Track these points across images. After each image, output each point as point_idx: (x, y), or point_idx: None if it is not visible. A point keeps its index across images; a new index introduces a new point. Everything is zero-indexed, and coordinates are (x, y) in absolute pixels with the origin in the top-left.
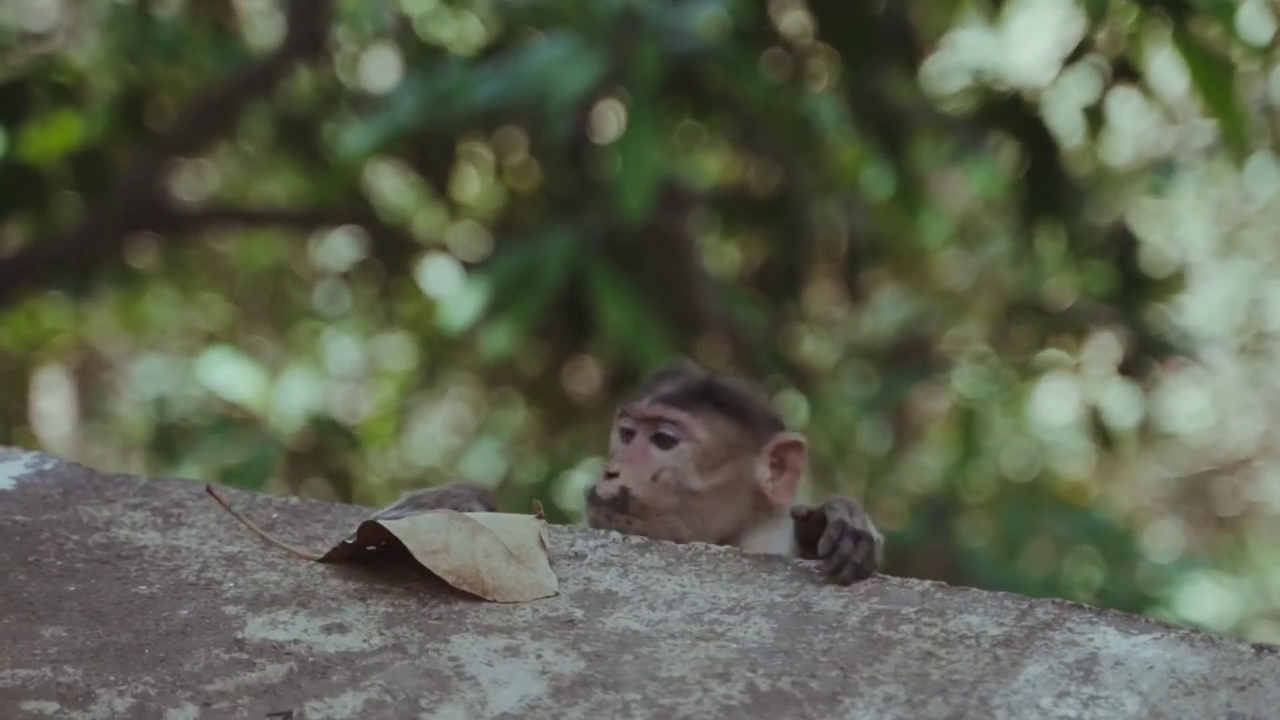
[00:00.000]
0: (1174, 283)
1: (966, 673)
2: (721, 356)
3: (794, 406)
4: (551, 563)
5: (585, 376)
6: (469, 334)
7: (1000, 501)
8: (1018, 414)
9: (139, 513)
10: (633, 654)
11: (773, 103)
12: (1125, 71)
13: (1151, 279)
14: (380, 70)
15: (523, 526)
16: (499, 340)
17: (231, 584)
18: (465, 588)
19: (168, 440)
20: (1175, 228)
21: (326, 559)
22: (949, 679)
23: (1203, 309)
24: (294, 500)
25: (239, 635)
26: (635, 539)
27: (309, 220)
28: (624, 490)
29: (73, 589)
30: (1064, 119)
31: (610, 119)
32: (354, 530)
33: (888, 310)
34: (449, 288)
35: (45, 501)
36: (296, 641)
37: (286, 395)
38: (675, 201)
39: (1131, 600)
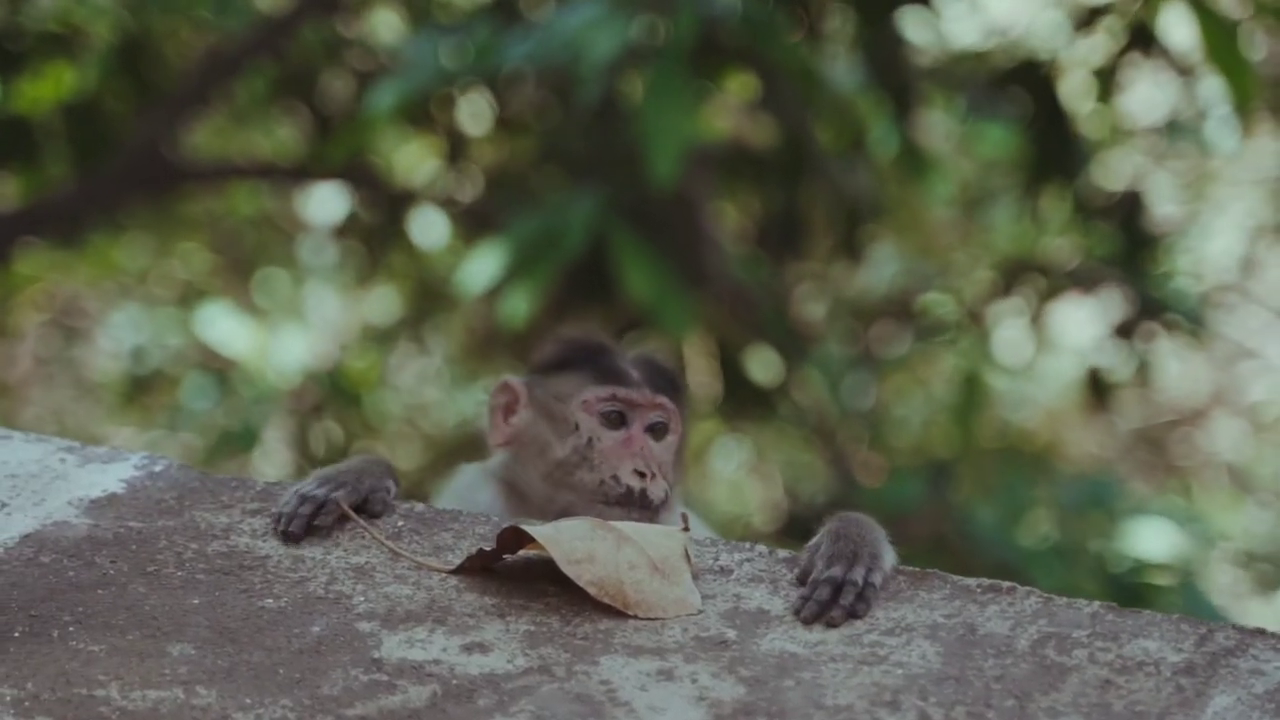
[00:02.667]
0: (1177, 244)
1: (1150, 704)
2: (729, 318)
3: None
4: (696, 577)
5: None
6: (487, 298)
7: (992, 461)
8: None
9: (258, 519)
10: (794, 679)
11: (795, 63)
12: (1140, 34)
13: (1155, 240)
14: (388, 27)
15: (667, 538)
16: (517, 305)
17: (362, 598)
18: (607, 600)
19: (142, 390)
20: (1181, 190)
21: (459, 571)
22: (1132, 710)
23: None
24: (419, 507)
25: (376, 654)
26: (782, 552)
27: (306, 175)
28: (667, 492)
29: (196, 602)
30: (1076, 82)
31: (635, 82)
32: (482, 540)
33: (885, 268)
34: (443, 241)
35: (159, 507)
36: (437, 662)
37: (283, 350)
38: (689, 162)
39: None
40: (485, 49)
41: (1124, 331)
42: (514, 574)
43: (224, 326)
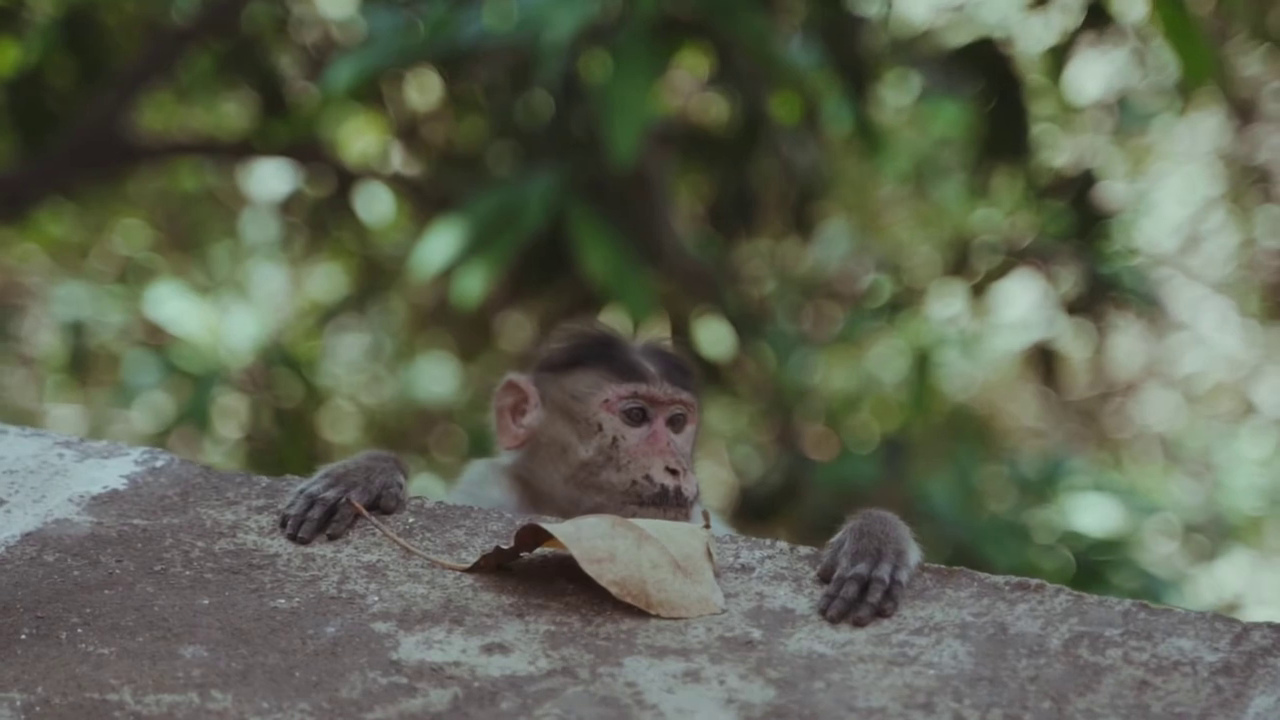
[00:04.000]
0: (1126, 221)
1: (1189, 705)
2: (681, 294)
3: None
4: (717, 575)
5: (520, 322)
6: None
7: (942, 438)
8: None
9: (264, 516)
10: (824, 680)
11: (754, 39)
12: (1096, 13)
13: (1107, 218)
14: (335, 3)
15: (689, 536)
16: (471, 285)
17: (376, 597)
18: (629, 600)
19: (83, 368)
20: (1135, 168)
21: (474, 569)
22: (1171, 712)
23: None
24: (430, 503)
25: (394, 656)
26: (803, 549)
27: (252, 151)
28: (698, 486)
29: (206, 602)
30: (1031, 60)
31: (593, 60)
32: (495, 537)
33: (835, 245)
34: (389, 218)
35: (163, 504)
36: (457, 664)
37: (234, 328)
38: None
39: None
40: (441, 25)
41: (1075, 308)
42: (530, 572)
43: (173, 304)
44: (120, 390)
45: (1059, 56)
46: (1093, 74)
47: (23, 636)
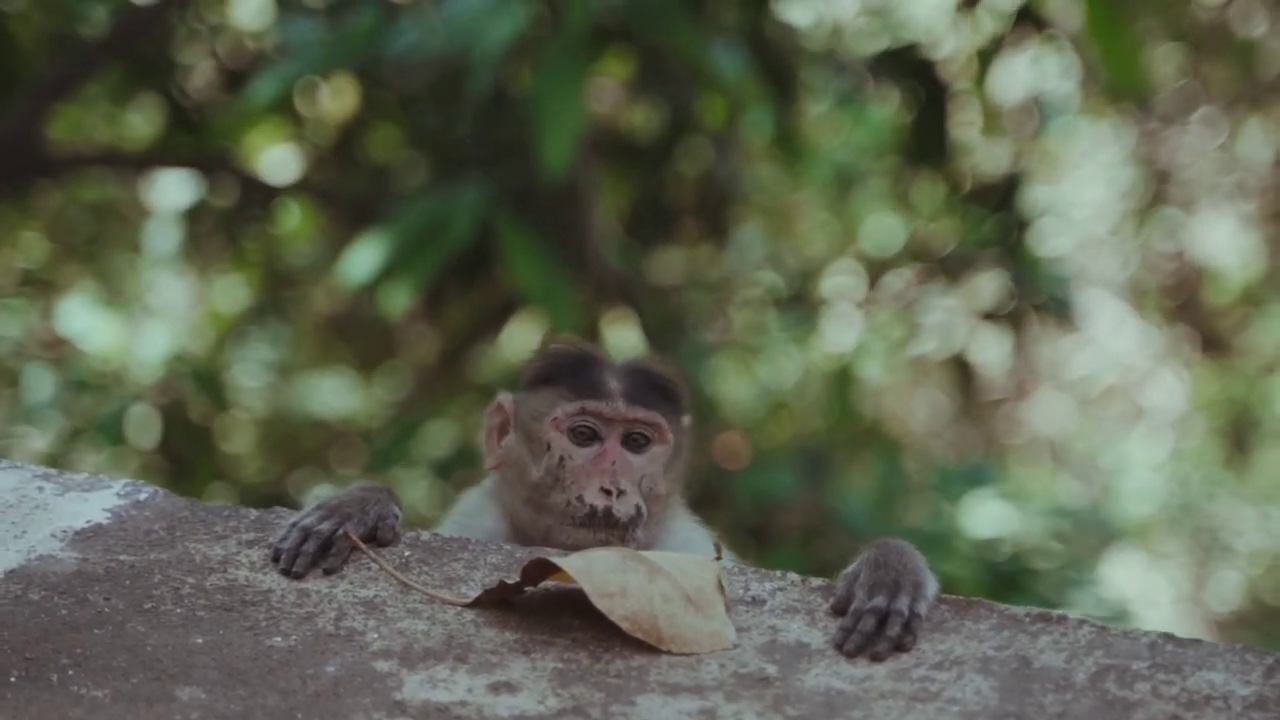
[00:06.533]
0: (1051, 226)
1: None
2: (607, 305)
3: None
4: (728, 609)
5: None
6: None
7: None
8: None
9: (255, 551)
10: (844, 718)
11: (684, 45)
12: (1025, 15)
13: (1030, 223)
14: (250, 13)
15: (700, 568)
16: (397, 297)
17: (375, 634)
18: (640, 635)
19: None
20: (1060, 171)
21: (476, 604)
22: None
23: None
24: (425, 535)
25: (398, 696)
26: (815, 581)
27: (158, 162)
28: (638, 509)
29: (200, 641)
30: (957, 64)
31: (521, 70)
32: (495, 570)
33: (750, 252)
34: (295, 228)
35: (149, 538)
36: (463, 703)
37: (145, 343)
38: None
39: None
40: (368, 36)
41: (994, 315)
42: (533, 607)
43: (82, 318)
44: (18, 405)
45: (985, 60)
46: (1015, 77)
47: (12, 679)
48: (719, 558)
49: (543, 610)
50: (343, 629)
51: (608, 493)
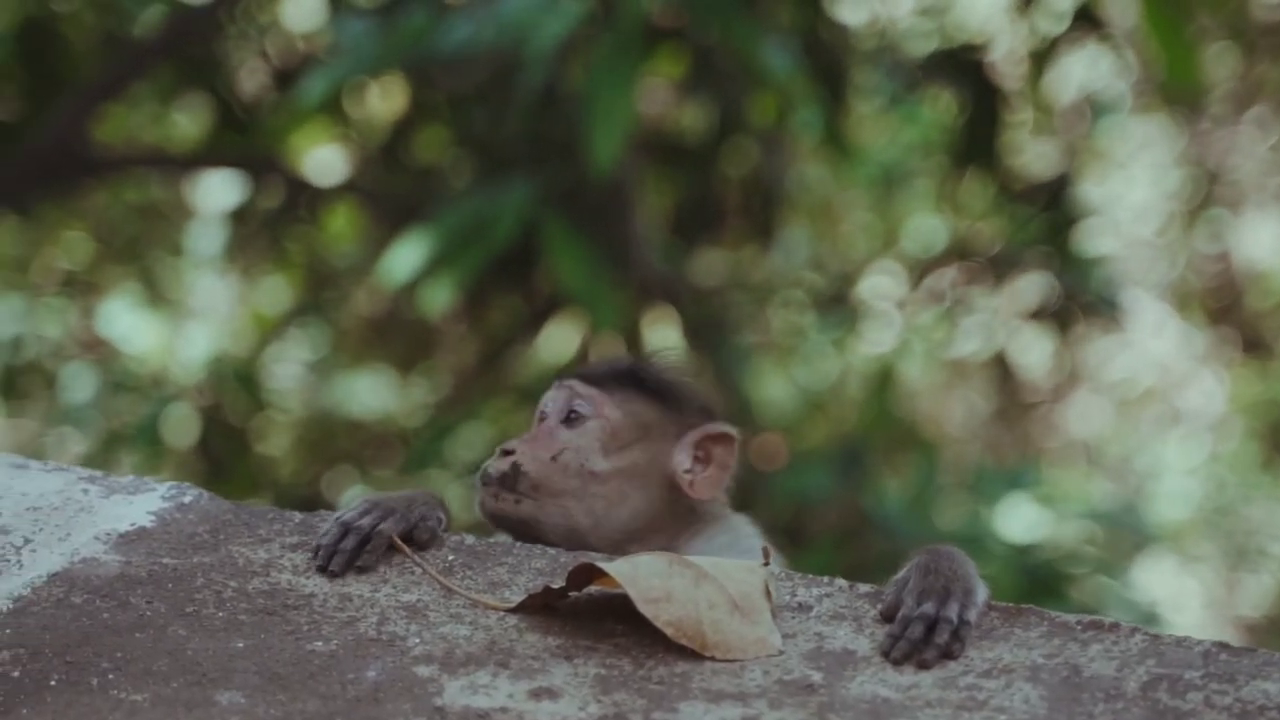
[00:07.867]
0: (1098, 226)
1: None
2: (653, 307)
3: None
4: (774, 615)
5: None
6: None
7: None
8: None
9: (298, 554)
10: None
11: (739, 43)
12: (1083, 16)
13: (1078, 222)
14: (301, 13)
15: (747, 574)
16: (438, 296)
17: (417, 639)
18: (684, 641)
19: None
20: (1108, 171)
21: (519, 609)
22: None
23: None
24: (469, 539)
25: (438, 702)
26: (863, 587)
27: (205, 163)
28: (515, 466)
29: (241, 645)
30: (1011, 65)
31: (572, 68)
32: (539, 574)
33: (796, 253)
34: (342, 227)
35: (193, 541)
36: (504, 709)
37: (187, 344)
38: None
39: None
40: (420, 34)
41: (1040, 315)
42: (576, 612)
43: (124, 320)
44: (57, 406)
45: (1041, 61)
46: (1069, 77)
47: (52, 683)
48: (767, 563)
49: (586, 615)
50: (384, 634)
51: (504, 455)
